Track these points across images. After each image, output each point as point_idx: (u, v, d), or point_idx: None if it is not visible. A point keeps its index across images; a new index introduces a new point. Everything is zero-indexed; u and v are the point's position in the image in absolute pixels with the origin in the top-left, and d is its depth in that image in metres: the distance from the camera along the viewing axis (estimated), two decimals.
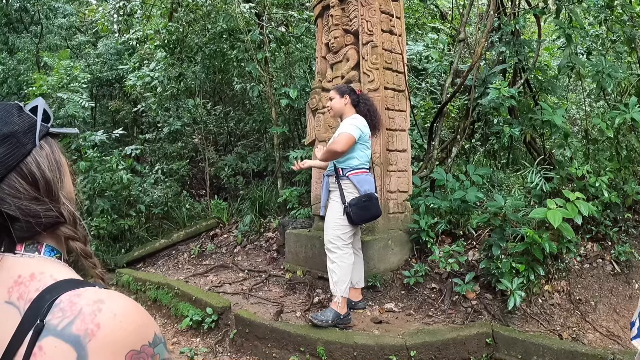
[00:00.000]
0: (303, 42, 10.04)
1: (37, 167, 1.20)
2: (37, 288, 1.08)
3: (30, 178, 1.19)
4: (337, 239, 5.19)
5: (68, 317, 1.01)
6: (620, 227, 6.37)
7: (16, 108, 1.24)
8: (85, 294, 1.06)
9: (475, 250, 6.26)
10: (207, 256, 8.44)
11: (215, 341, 5.40)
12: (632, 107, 6.10)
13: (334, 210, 5.26)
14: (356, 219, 5.12)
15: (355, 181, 5.20)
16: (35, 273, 1.13)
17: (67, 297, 1.05)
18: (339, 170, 5.27)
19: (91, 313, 1.02)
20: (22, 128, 1.20)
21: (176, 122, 10.96)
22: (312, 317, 5.08)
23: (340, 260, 5.15)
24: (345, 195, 5.18)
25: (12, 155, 1.17)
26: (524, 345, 4.54)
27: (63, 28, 14.91)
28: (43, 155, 1.22)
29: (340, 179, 5.26)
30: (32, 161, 1.20)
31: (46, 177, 1.21)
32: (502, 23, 7.34)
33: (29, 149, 1.20)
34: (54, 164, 1.24)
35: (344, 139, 5.07)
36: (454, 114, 9.57)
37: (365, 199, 5.15)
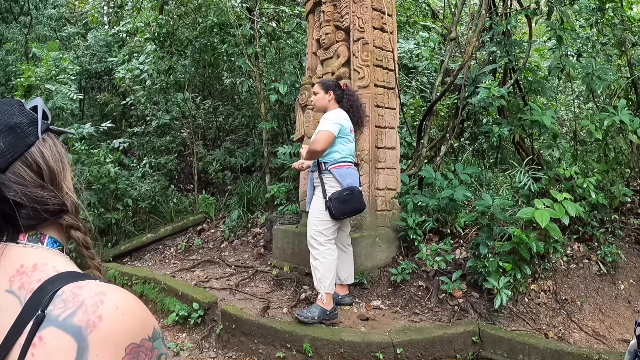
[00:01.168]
0: (294, 38, 10.01)
1: (42, 157, 1.23)
2: (40, 279, 1.09)
3: (35, 167, 1.21)
4: (319, 234, 5.16)
5: (70, 309, 1.02)
6: (606, 228, 6.41)
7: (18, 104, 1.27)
8: (87, 286, 1.07)
9: (462, 248, 6.28)
10: (194, 251, 8.40)
11: (201, 337, 5.38)
12: (621, 110, 6.14)
13: (315, 206, 5.24)
14: (337, 213, 5.06)
15: (337, 174, 5.17)
16: (37, 264, 1.13)
17: (69, 289, 1.06)
18: (321, 165, 5.25)
19: (93, 305, 1.02)
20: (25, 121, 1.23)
21: (165, 115, 10.90)
22: (298, 314, 5.07)
23: (322, 256, 5.13)
24: (326, 189, 5.15)
25: (18, 144, 1.19)
26: (510, 344, 4.56)
27: (53, 19, 14.77)
28: (47, 147, 1.25)
29: (322, 174, 5.24)
30: (37, 151, 1.23)
31: (50, 166, 1.24)
32: (493, 23, 7.35)
33: (33, 140, 1.23)
34: (57, 155, 1.27)
35: (323, 138, 5.06)
36: (444, 113, 9.58)
37: (346, 192, 5.10)
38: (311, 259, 5.23)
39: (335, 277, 5.24)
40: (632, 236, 6.70)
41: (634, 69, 7.75)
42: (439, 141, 8.06)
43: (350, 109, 5.37)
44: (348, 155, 5.28)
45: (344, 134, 5.20)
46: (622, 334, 5.22)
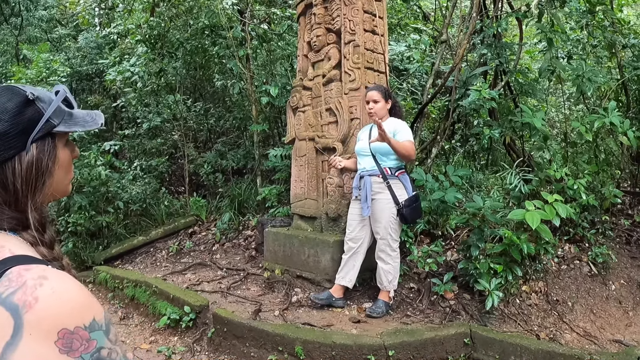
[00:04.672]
0: (285, 40, 10.00)
1: (12, 174, 1.23)
2: None
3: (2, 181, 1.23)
4: (394, 241, 5.39)
5: (12, 287, 1.07)
6: (597, 229, 6.44)
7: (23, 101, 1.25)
8: (34, 270, 1.12)
9: (453, 250, 6.29)
10: (185, 254, 8.38)
11: (193, 340, 5.35)
12: (611, 112, 6.17)
13: (387, 212, 5.35)
14: (411, 219, 5.37)
15: (403, 180, 5.39)
16: None
17: (17, 270, 1.11)
18: (386, 170, 5.36)
19: (32, 286, 1.07)
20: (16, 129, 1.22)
21: (156, 118, 10.86)
22: (369, 311, 5.40)
23: (394, 261, 5.42)
24: (397, 196, 5.30)
25: None
26: (502, 345, 4.56)
27: (43, 20, 14.74)
28: (25, 162, 1.24)
29: (389, 179, 5.35)
30: (10, 167, 1.23)
31: (16, 187, 1.24)
32: (484, 26, 7.36)
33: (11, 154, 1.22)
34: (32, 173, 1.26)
35: (413, 148, 5.35)
36: (435, 115, 9.60)
37: (414, 198, 5.35)
38: (381, 264, 5.44)
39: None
40: (623, 237, 6.74)
41: (624, 71, 7.79)
42: (430, 143, 8.07)
43: (401, 117, 5.64)
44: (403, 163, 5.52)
45: None
46: (613, 334, 5.24)
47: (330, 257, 5.91)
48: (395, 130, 5.34)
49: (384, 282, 5.43)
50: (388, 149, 5.24)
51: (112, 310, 6.59)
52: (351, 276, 5.55)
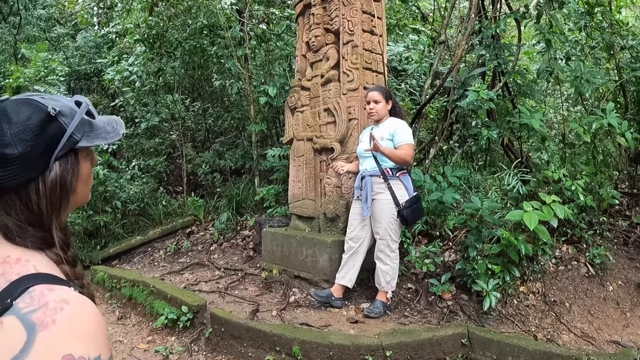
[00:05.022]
0: (284, 40, 10.00)
1: (36, 195, 1.23)
2: (19, 272, 1.15)
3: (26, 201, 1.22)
4: (394, 242, 5.42)
5: (34, 305, 1.08)
6: (595, 230, 6.45)
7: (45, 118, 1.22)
8: (57, 291, 1.13)
9: (451, 251, 6.29)
10: (183, 254, 8.37)
11: (190, 340, 5.34)
12: (609, 113, 6.18)
13: (387, 213, 5.37)
14: (411, 221, 5.39)
15: (405, 182, 5.39)
16: (21, 259, 1.19)
17: (40, 288, 1.12)
18: (387, 171, 5.37)
19: (53, 309, 1.08)
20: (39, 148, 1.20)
21: (154, 117, 10.85)
22: (367, 312, 5.40)
23: (393, 262, 5.44)
24: (398, 197, 5.31)
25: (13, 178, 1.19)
26: (499, 345, 4.56)
27: (42, 19, 14.72)
28: (49, 182, 1.23)
29: (390, 180, 5.36)
30: (33, 187, 1.22)
31: (40, 207, 1.24)
32: (482, 26, 7.36)
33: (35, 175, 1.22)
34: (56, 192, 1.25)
35: (412, 151, 5.41)
36: (433, 116, 9.60)
37: (414, 199, 5.35)
38: (380, 264, 5.46)
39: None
40: (621, 238, 6.74)
41: (623, 72, 7.79)
42: (428, 144, 8.08)
43: (402, 117, 5.64)
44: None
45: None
46: (610, 335, 5.25)
47: (328, 258, 5.91)
48: (395, 131, 5.36)
49: (382, 282, 5.44)
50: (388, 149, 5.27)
51: (109, 310, 6.59)
52: (351, 276, 5.56)
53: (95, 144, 1.31)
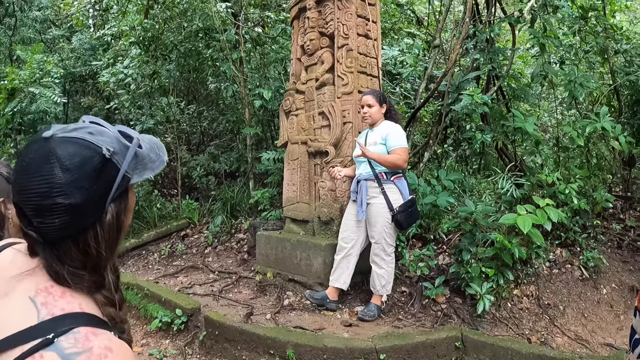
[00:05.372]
0: (279, 44, 10.00)
1: (94, 240, 1.20)
2: (64, 308, 1.15)
3: (83, 248, 1.20)
4: (389, 246, 5.41)
5: (78, 348, 1.08)
6: (589, 233, 6.46)
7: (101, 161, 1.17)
8: (101, 337, 1.13)
9: (445, 254, 6.31)
10: (177, 257, 8.37)
11: (184, 343, 5.35)
12: (603, 117, 6.20)
13: (382, 218, 5.36)
14: (406, 225, 5.38)
15: (399, 185, 5.37)
16: (66, 293, 1.19)
17: (85, 331, 1.12)
18: (381, 175, 5.37)
19: (98, 355, 1.08)
20: (96, 194, 1.17)
21: (149, 120, 10.83)
22: (361, 315, 5.43)
23: (388, 265, 5.43)
24: (391, 201, 5.30)
25: (72, 227, 1.16)
26: (493, 349, 4.57)
27: (38, 21, 14.67)
28: (106, 225, 1.21)
29: (384, 184, 5.36)
30: (91, 233, 1.19)
31: (99, 251, 1.22)
32: (477, 31, 7.39)
33: (91, 222, 1.19)
34: (113, 234, 1.23)
35: (406, 155, 5.42)
36: (427, 119, 9.61)
37: (409, 204, 5.34)
38: (376, 268, 5.46)
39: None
40: (614, 241, 6.77)
41: (616, 76, 7.83)
42: (423, 147, 8.09)
43: (397, 121, 5.64)
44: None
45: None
46: (604, 338, 5.27)
47: (322, 261, 5.91)
48: (388, 135, 5.36)
49: (377, 286, 5.44)
50: (382, 153, 5.29)
51: None
52: (345, 278, 5.55)
53: (144, 177, 1.28)
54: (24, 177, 1.14)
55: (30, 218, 1.14)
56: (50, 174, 1.11)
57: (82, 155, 1.14)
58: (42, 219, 1.13)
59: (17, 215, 1.19)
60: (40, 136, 1.16)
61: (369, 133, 5.58)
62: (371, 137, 5.49)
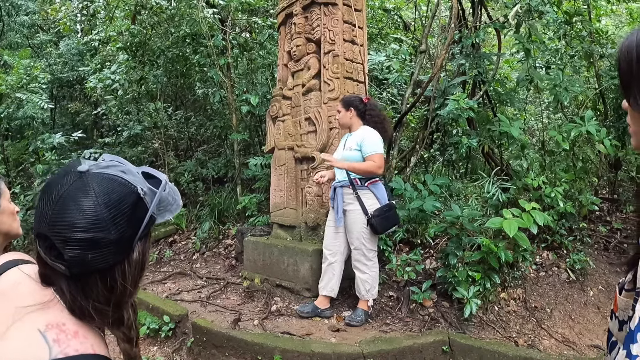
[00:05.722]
0: (266, 49, 10.01)
1: (122, 276, 1.22)
2: (77, 349, 1.14)
3: (110, 284, 1.21)
4: (369, 251, 5.40)
5: None
6: (575, 236, 6.51)
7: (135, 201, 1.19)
8: None
9: (432, 258, 6.32)
10: (165, 263, 8.34)
11: (172, 349, 5.34)
12: (588, 120, 6.24)
13: (358, 224, 5.36)
14: (381, 229, 5.31)
15: (375, 190, 5.36)
16: (79, 333, 1.18)
17: None
18: (355, 181, 5.37)
19: None
20: (129, 232, 1.19)
21: (136, 126, 10.81)
22: (348, 319, 5.43)
23: (371, 270, 5.42)
24: (367, 206, 5.28)
25: (104, 261, 1.17)
26: (480, 352, 4.60)
27: (25, 26, 14.58)
28: (133, 262, 1.22)
29: (358, 189, 5.35)
30: (119, 269, 1.21)
31: (125, 287, 1.23)
32: (462, 36, 7.43)
33: (120, 259, 1.20)
34: (137, 272, 1.25)
35: (381, 160, 5.33)
36: (414, 124, 9.64)
37: (386, 208, 5.32)
38: (359, 273, 5.46)
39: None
40: (601, 243, 6.83)
41: (602, 80, 7.89)
42: (409, 152, 8.11)
43: (376, 124, 5.54)
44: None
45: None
46: (591, 340, 5.30)
47: (309, 266, 5.91)
48: (362, 141, 5.37)
49: (362, 291, 5.45)
50: (354, 160, 5.34)
51: None
52: (332, 285, 5.57)
53: (166, 219, 1.31)
54: (57, 208, 1.14)
55: (60, 250, 1.14)
56: (89, 208, 1.13)
57: (119, 192, 1.17)
58: (73, 252, 1.13)
59: (40, 247, 1.19)
60: (74, 169, 1.19)
61: (348, 138, 5.61)
62: (349, 142, 5.52)
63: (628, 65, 1.18)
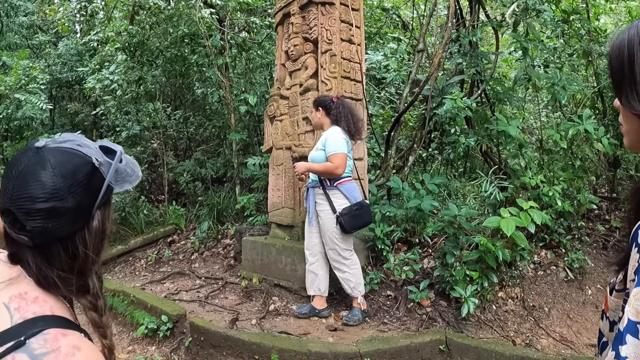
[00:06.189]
0: (264, 49, 10.01)
1: (83, 244, 1.27)
2: (35, 312, 1.19)
3: (72, 252, 1.26)
4: (344, 250, 5.36)
5: (46, 348, 1.13)
6: (573, 235, 6.51)
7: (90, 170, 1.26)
8: (70, 337, 1.18)
9: (430, 258, 6.32)
10: (164, 263, 8.34)
11: (170, 349, 5.34)
12: (586, 119, 6.24)
13: (327, 224, 5.35)
14: (349, 227, 5.24)
15: (344, 190, 5.31)
16: (39, 298, 1.23)
17: (54, 332, 1.17)
18: (325, 182, 5.35)
19: (65, 354, 1.14)
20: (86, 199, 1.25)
21: (135, 126, 10.81)
22: (345, 319, 5.41)
23: (350, 268, 5.38)
24: (335, 205, 5.27)
25: (63, 230, 1.23)
26: (477, 351, 4.59)
27: (24, 27, 14.59)
28: (93, 230, 1.28)
29: (327, 190, 5.33)
30: (80, 237, 1.27)
31: (87, 255, 1.28)
32: (459, 35, 7.42)
33: (81, 225, 1.26)
34: (98, 240, 1.31)
35: (341, 161, 5.20)
36: (412, 123, 9.64)
37: (356, 207, 5.27)
38: (339, 273, 5.43)
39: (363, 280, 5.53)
40: (600, 242, 6.82)
41: (600, 79, 7.88)
42: (407, 151, 8.11)
43: (338, 123, 5.46)
44: (349, 171, 5.44)
45: (347, 150, 5.34)
46: (589, 339, 5.30)
47: None
48: (326, 141, 5.34)
49: (347, 290, 5.45)
50: (319, 160, 5.32)
51: None
52: (318, 285, 5.56)
53: (124, 188, 1.37)
54: (18, 183, 1.20)
55: (22, 222, 1.20)
56: (47, 180, 1.19)
57: (75, 163, 1.23)
58: (35, 223, 1.19)
59: (5, 222, 1.24)
60: (32, 146, 1.25)
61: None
62: (318, 142, 5.54)
63: (620, 64, 1.18)
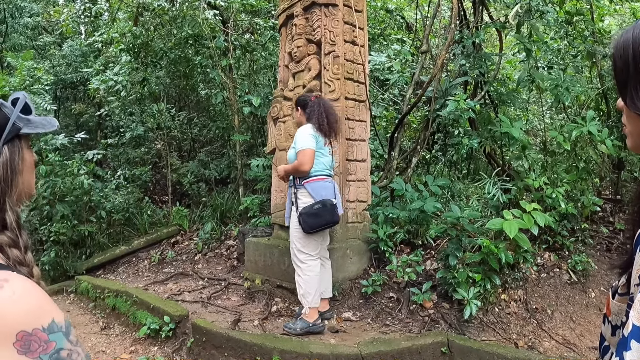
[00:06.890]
0: (268, 50, 10.02)
1: None
2: None
3: None
4: (300, 252, 5.23)
5: None
6: (577, 237, 6.49)
7: None
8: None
9: (433, 259, 6.31)
10: (167, 263, 8.36)
11: (172, 350, 5.35)
12: (589, 121, 6.22)
13: (292, 223, 5.28)
14: (307, 227, 5.06)
15: (310, 189, 5.17)
16: None
17: None
18: (295, 180, 5.28)
19: None
20: None
21: (139, 127, 10.84)
22: (285, 325, 5.25)
23: (304, 273, 5.20)
24: (299, 204, 5.16)
25: None
26: (479, 354, 4.57)
27: (28, 28, 14.67)
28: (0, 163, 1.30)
29: (296, 189, 5.25)
30: None
31: None
32: (463, 36, 7.41)
33: None
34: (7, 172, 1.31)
35: (307, 157, 5.06)
36: (416, 125, 9.63)
37: (317, 205, 5.08)
38: (295, 275, 5.31)
39: (319, 292, 5.27)
40: (603, 244, 6.79)
41: (604, 80, 7.86)
42: (410, 153, 8.10)
43: (311, 119, 5.32)
44: (322, 169, 5.28)
45: (318, 147, 5.20)
46: (592, 342, 5.27)
47: None
48: (295, 139, 5.28)
49: (298, 294, 5.33)
50: (292, 158, 5.28)
51: (93, 320, 6.59)
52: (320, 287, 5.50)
53: (35, 131, 1.40)
54: None
55: None
56: None
57: None
58: None
59: None
60: None
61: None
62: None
63: (624, 63, 1.16)
